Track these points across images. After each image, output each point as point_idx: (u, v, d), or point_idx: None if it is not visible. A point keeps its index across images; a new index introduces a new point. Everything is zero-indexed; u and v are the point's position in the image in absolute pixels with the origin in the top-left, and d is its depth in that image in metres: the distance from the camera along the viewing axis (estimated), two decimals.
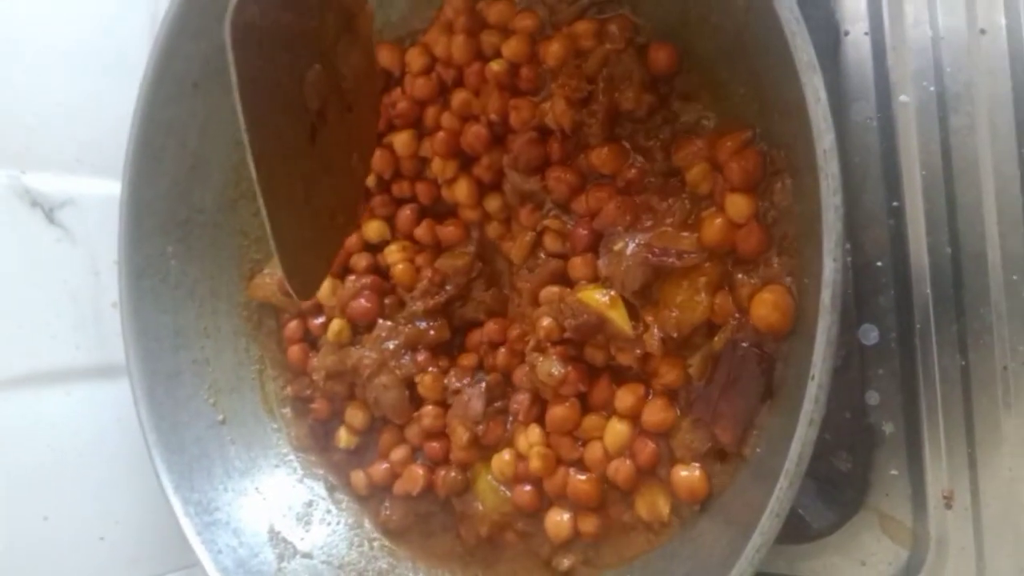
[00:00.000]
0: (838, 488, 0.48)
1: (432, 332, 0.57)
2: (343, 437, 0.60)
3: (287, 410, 0.63)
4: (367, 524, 0.59)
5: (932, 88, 0.48)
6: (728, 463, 0.45)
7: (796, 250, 0.41)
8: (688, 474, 0.45)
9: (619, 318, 0.47)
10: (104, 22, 0.64)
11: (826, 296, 0.32)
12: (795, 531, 0.48)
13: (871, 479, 0.48)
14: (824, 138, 0.32)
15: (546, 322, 0.49)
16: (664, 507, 0.46)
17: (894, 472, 0.48)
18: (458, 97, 0.55)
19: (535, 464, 0.50)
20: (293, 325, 0.62)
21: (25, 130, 0.60)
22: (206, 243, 0.61)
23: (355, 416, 0.60)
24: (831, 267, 0.32)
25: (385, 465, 0.58)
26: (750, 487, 0.42)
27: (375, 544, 0.58)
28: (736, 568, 0.35)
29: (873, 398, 0.48)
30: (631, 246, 0.46)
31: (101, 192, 0.63)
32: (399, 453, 0.58)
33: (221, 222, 0.62)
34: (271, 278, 0.62)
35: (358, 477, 0.59)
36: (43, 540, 0.58)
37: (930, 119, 0.48)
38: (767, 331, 0.41)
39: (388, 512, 0.57)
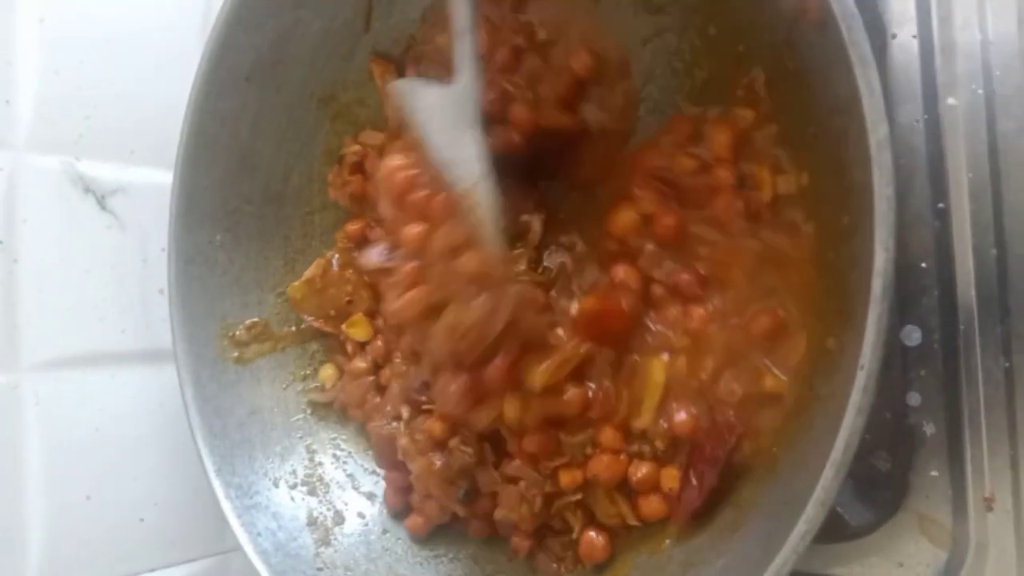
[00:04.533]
0: (877, 488, 0.48)
1: None
2: None
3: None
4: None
5: (980, 91, 0.48)
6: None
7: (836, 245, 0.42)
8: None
9: None
10: (159, 16, 0.66)
11: (877, 285, 0.32)
12: (833, 530, 0.48)
13: (911, 480, 0.48)
14: (878, 129, 0.33)
15: None
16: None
17: (934, 473, 0.48)
18: None
19: None
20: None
21: (81, 119, 0.61)
22: (253, 233, 0.62)
23: None
24: (883, 257, 0.32)
25: None
26: (792, 482, 0.42)
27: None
28: (780, 556, 0.35)
29: (914, 399, 0.48)
30: None
31: (151, 181, 0.64)
32: None
33: (267, 214, 0.63)
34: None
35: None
36: (85, 519, 0.59)
37: (978, 122, 0.48)
38: None
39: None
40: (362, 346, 0.62)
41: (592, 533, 0.51)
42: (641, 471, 0.49)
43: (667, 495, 0.49)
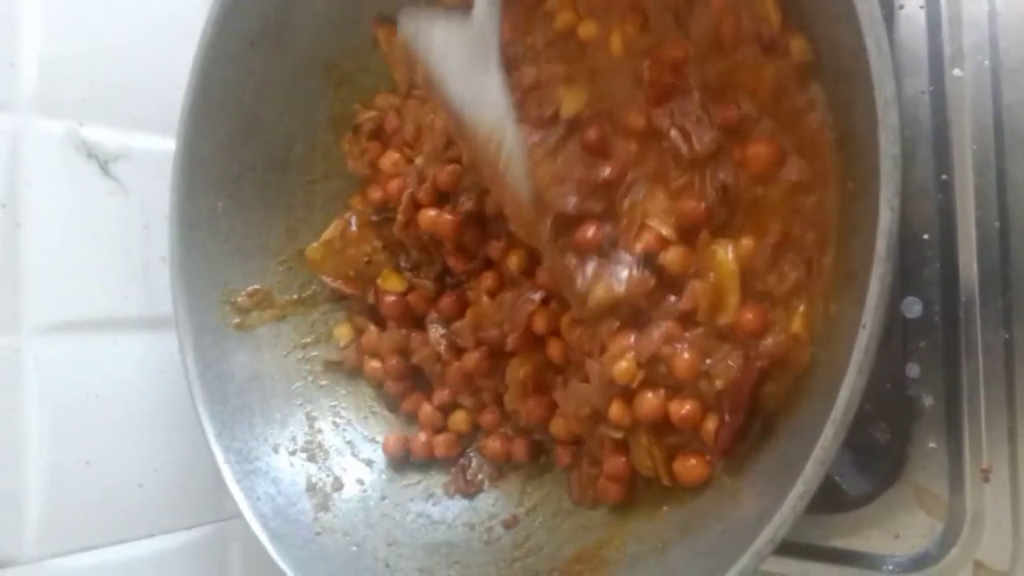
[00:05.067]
0: (875, 459, 0.48)
1: None
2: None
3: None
4: (401, 480, 0.60)
5: (987, 63, 0.48)
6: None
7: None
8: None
9: None
10: None
11: (881, 245, 0.32)
12: (831, 500, 0.48)
13: (909, 451, 0.48)
14: (885, 87, 0.33)
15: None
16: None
17: (932, 445, 0.48)
18: None
19: None
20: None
21: (85, 84, 0.61)
22: (256, 200, 0.62)
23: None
24: (887, 216, 0.32)
25: None
26: (791, 448, 0.42)
27: (410, 498, 0.59)
28: (778, 515, 0.35)
29: (914, 371, 0.48)
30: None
31: (154, 147, 0.64)
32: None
33: (271, 181, 0.63)
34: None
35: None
36: (85, 484, 0.59)
37: (983, 94, 0.48)
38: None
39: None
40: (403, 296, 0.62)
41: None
42: (685, 408, 0.47)
43: (705, 458, 0.47)
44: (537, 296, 0.55)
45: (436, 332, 0.60)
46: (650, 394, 0.48)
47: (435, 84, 0.47)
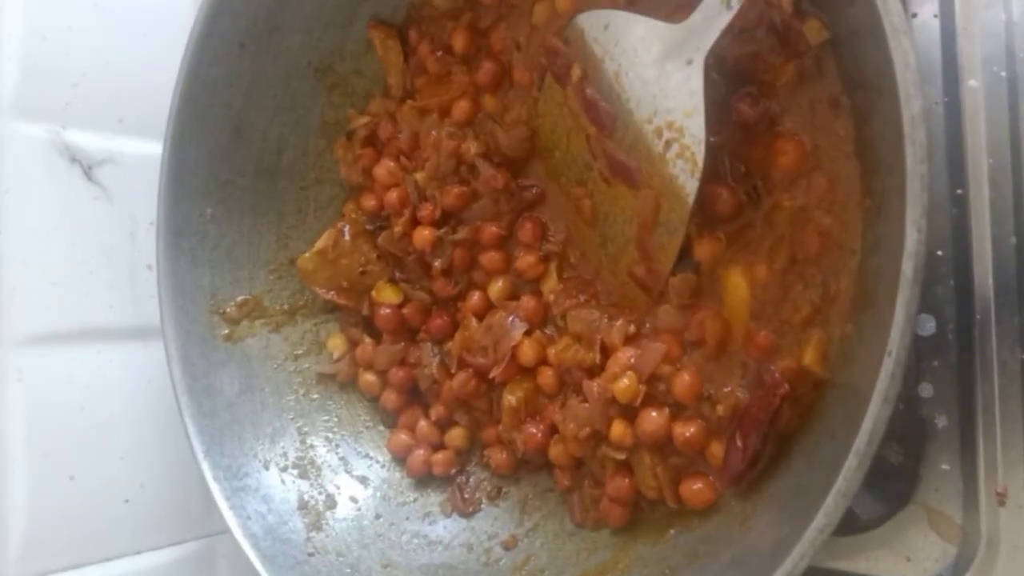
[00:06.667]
0: (887, 480, 0.47)
1: None
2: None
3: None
4: (397, 498, 0.58)
5: (1003, 74, 0.47)
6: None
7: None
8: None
9: None
10: None
11: (908, 267, 0.31)
12: (842, 522, 0.47)
13: (921, 473, 0.47)
14: (912, 104, 0.31)
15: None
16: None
17: (945, 467, 0.47)
18: None
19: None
20: None
21: (68, 86, 0.59)
22: (245, 207, 0.60)
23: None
24: (914, 238, 0.31)
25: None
26: (805, 473, 0.41)
27: (406, 517, 0.57)
28: (796, 549, 0.34)
29: (927, 390, 0.47)
30: None
31: (141, 152, 0.62)
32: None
33: (261, 188, 0.61)
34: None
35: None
36: (69, 499, 0.57)
37: (999, 105, 0.46)
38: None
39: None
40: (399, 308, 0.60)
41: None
42: (689, 430, 0.46)
43: (712, 481, 0.47)
44: (520, 327, 0.54)
45: (428, 351, 0.58)
46: (653, 412, 0.47)
47: (599, 81, 0.47)
